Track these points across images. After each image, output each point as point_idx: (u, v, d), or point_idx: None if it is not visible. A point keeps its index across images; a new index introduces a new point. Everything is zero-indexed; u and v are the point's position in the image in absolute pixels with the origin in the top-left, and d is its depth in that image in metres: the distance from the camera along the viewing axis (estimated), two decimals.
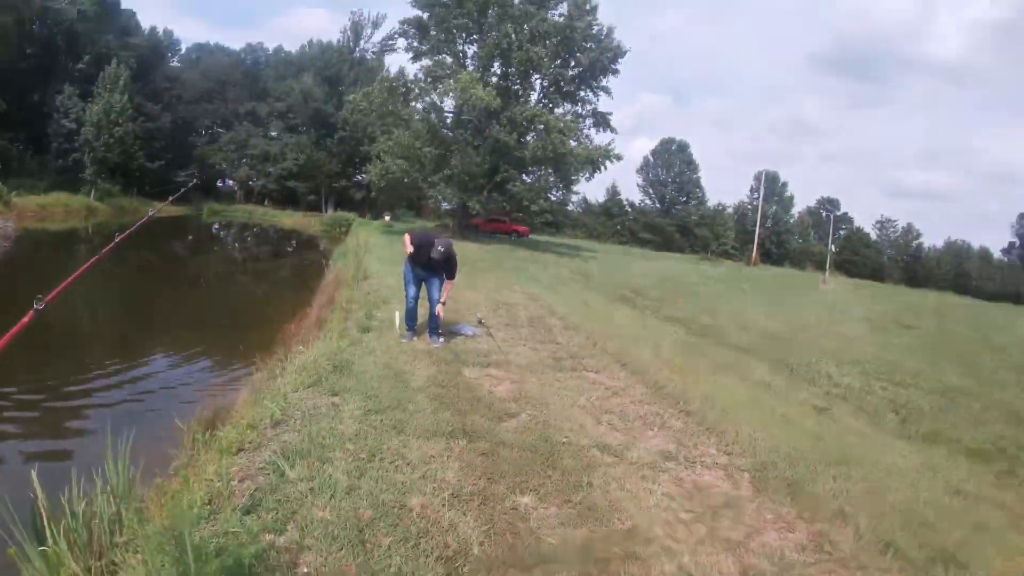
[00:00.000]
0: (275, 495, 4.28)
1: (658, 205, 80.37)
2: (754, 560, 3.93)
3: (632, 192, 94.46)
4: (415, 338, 8.89)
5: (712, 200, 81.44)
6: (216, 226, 46.44)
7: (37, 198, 34.31)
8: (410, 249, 8.59)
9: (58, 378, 9.66)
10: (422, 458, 5.06)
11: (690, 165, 79.69)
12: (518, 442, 5.58)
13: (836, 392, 10.09)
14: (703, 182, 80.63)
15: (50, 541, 3.85)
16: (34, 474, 4.31)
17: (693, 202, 79.80)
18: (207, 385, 9.88)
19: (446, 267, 8.58)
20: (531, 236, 48.35)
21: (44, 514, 4.05)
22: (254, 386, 7.49)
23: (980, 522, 5.19)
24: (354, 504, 4.26)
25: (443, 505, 4.38)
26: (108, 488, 4.52)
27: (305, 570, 3.59)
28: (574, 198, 55.55)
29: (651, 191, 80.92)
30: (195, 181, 50.39)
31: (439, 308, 8.69)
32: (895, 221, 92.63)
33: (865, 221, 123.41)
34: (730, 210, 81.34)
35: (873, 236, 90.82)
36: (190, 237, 37.37)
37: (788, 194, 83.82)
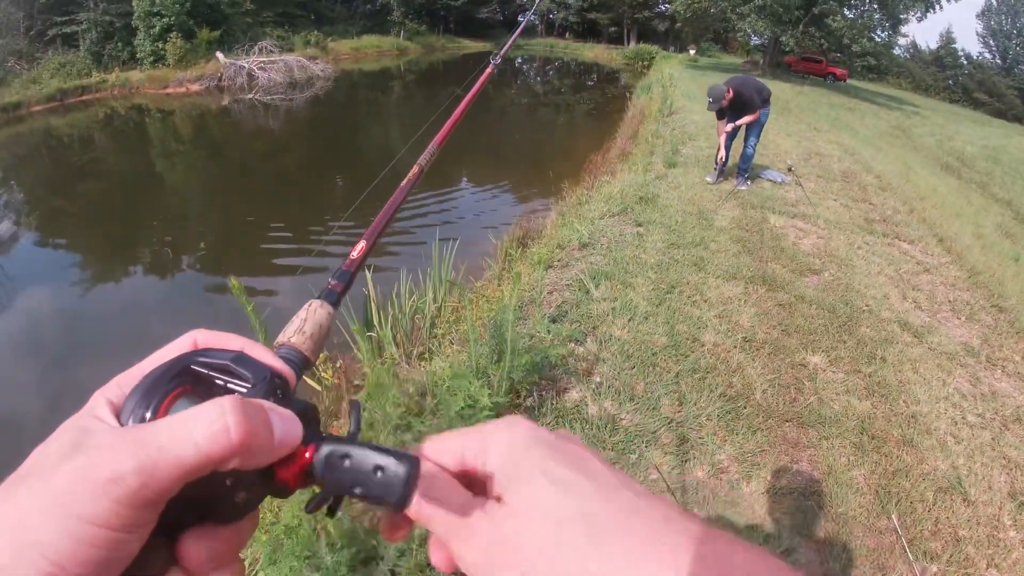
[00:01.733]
0: (579, 309, 4.71)
1: (999, 61, 65.83)
2: None
3: (970, 41, 78.56)
4: (722, 179, 8.75)
5: None
6: (519, 60, 47.24)
7: (350, 42, 36.72)
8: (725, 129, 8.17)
9: (380, 198, 10.93)
10: (719, 298, 5.22)
11: None
12: (817, 300, 5.47)
13: None
14: None
15: (377, 329, 4.60)
16: (368, 274, 5.09)
17: None
18: (516, 207, 10.68)
19: (738, 110, 7.92)
20: (849, 81, 43.16)
21: (374, 306, 4.82)
22: (562, 211, 7.96)
23: None
24: (650, 329, 4.57)
25: (734, 347, 4.52)
26: (431, 288, 5.22)
27: (598, 380, 3.97)
28: (901, 41, 48.20)
29: (992, 43, 66.18)
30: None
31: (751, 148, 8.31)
32: None
33: None
34: None
35: None
36: (494, 72, 38.61)
37: None
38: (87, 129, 17.77)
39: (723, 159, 8.37)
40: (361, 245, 0.71)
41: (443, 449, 0.43)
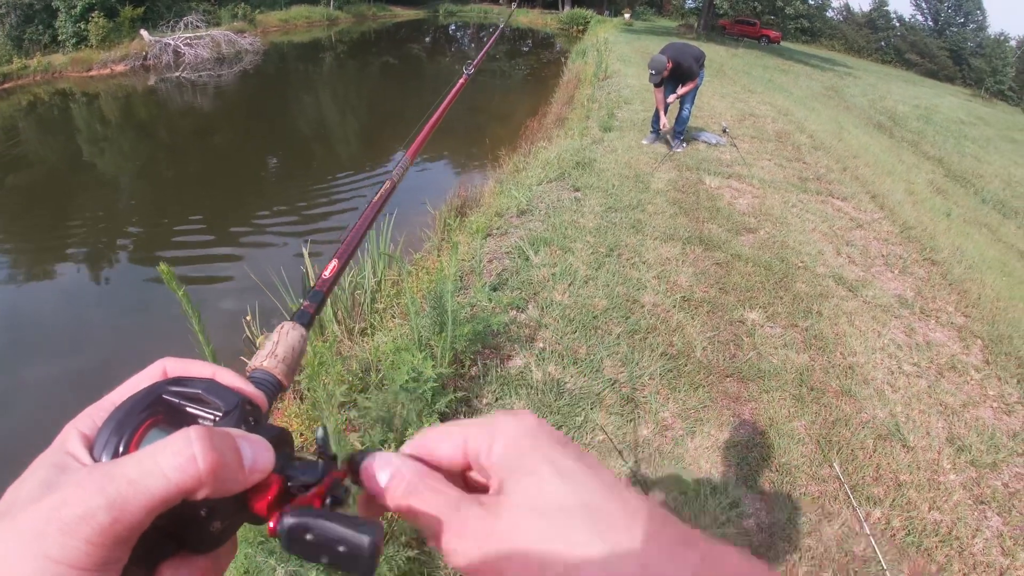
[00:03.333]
0: (519, 276, 4.68)
1: (930, 23, 67.66)
2: (963, 431, 3.75)
3: (902, 4, 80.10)
4: (657, 141, 8.79)
5: (993, 27, 66.92)
6: (452, 27, 46.66)
7: (279, 13, 35.30)
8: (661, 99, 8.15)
9: (315, 176, 10.85)
10: (657, 259, 5.24)
11: None
12: (754, 257, 5.54)
13: None
14: (985, 3, 66.62)
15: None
16: (304, 250, 5.00)
17: (971, 26, 65.92)
18: (453, 176, 10.57)
19: (677, 79, 7.91)
20: (782, 43, 43.78)
21: (312, 283, 4.72)
22: (499, 178, 7.91)
23: None
24: (590, 292, 4.57)
25: (673, 306, 4.56)
26: (370, 263, 5.14)
27: (541, 345, 3.96)
28: (834, 3, 49.09)
29: (924, 5, 67.92)
30: None
31: (686, 110, 8.31)
32: None
33: None
34: (1013, 43, 65.26)
35: None
36: (427, 39, 38.08)
37: None
38: (10, 118, 16.94)
39: (665, 125, 8.37)
40: (333, 264, 0.71)
41: (444, 436, 0.43)
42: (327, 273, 0.69)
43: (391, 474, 0.41)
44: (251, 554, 2.27)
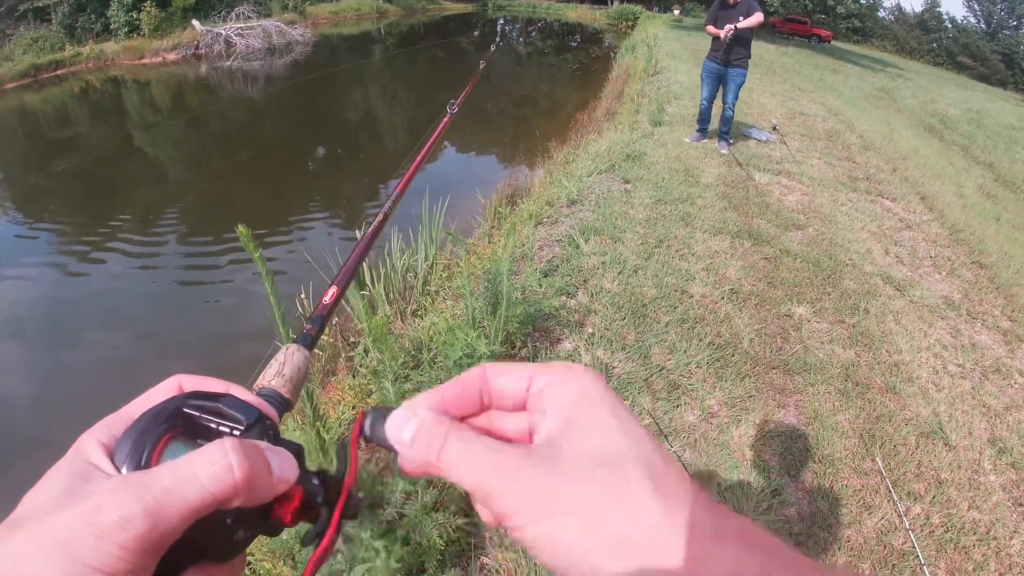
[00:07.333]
0: (569, 264, 4.77)
1: (983, 26, 66.03)
2: (1005, 433, 3.74)
3: (955, 5, 77.77)
4: (703, 139, 8.73)
5: None
6: (501, 21, 46.56)
7: (329, 5, 35.74)
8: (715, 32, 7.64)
9: (372, 163, 11.01)
10: (706, 252, 5.29)
11: None
12: (802, 253, 5.56)
13: None
14: None
15: (370, 287, 4.65)
16: (357, 234, 5.13)
17: None
18: (504, 166, 10.69)
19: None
20: (833, 43, 42.80)
21: (366, 266, 4.87)
22: (549, 169, 7.99)
23: None
24: (639, 281, 4.64)
25: (721, 298, 4.61)
26: (423, 247, 5.26)
27: (590, 330, 4.04)
28: (886, 3, 47.95)
29: (976, 7, 66.37)
30: None
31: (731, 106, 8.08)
32: None
33: None
34: None
35: None
36: (475, 33, 38.07)
37: None
38: (62, 105, 17.33)
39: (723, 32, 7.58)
40: (332, 290, 0.74)
41: (508, 368, 0.43)
42: (327, 299, 0.72)
43: (416, 427, 0.40)
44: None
